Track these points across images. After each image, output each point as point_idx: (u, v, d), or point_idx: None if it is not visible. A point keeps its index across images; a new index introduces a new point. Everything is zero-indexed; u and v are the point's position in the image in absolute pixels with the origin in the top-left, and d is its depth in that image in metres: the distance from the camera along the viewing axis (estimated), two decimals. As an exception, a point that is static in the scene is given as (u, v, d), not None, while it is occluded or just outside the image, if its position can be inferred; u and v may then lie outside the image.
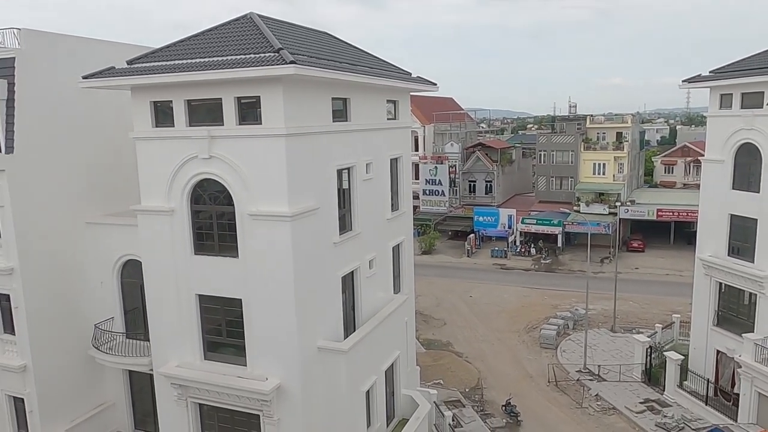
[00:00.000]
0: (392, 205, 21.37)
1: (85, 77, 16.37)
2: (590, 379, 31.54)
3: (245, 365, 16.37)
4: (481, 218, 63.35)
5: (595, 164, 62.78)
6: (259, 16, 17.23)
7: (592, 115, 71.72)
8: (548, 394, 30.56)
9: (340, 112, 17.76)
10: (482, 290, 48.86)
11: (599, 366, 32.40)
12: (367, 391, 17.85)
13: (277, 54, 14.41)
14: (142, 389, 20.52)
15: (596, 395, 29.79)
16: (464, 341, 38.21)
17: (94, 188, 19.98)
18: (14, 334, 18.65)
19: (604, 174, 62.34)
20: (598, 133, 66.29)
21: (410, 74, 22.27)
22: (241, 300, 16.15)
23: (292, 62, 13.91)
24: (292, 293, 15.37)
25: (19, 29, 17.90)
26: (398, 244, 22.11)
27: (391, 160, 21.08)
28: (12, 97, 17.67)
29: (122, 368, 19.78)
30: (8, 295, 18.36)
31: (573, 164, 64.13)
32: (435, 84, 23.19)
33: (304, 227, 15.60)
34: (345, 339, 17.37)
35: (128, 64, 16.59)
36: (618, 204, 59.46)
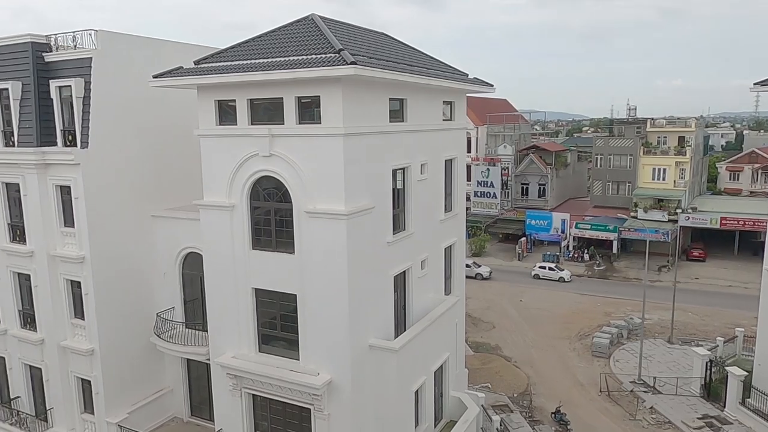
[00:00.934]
0: (445, 206, 21.34)
1: (155, 76, 17.11)
2: (645, 391, 30.53)
3: (298, 359, 16.74)
4: (533, 222, 62.30)
5: (654, 169, 60.61)
6: (320, 17, 17.57)
7: (652, 118, 69.25)
8: (600, 404, 29.79)
9: (397, 113, 17.90)
10: (533, 295, 48.06)
11: (655, 378, 31.33)
12: (417, 391, 17.94)
13: (337, 55, 14.67)
14: (199, 377, 21.29)
15: (651, 408, 28.82)
16: (513, 345, 37.71)
17: (159, 183, 20.86)
18: (84, 319, 19.70)
19: (664, 179, 60.10)
20: (658, 137, 63.97)
21: (467, 75, 22.17)
22: (295, 295, 16.53)
23: (352, 63, 14.13)
24: (345, 291, 15.62)
25: (96, 31, 18.90)
26: (450, 246, 22.07)
27: (445, 161, 21.07)
28: (88, 95, 18.67)
29: (181, 356, 20.57)
30: (79, 282, 19.42)
31: (631, 169, 62.15)
32: (491, 85, 23.01)
33: (359, 226, 15.82)
34: (396, 338, 17.50)
35: (195, 64, 17.23)
36: (678, 211, 57.24)
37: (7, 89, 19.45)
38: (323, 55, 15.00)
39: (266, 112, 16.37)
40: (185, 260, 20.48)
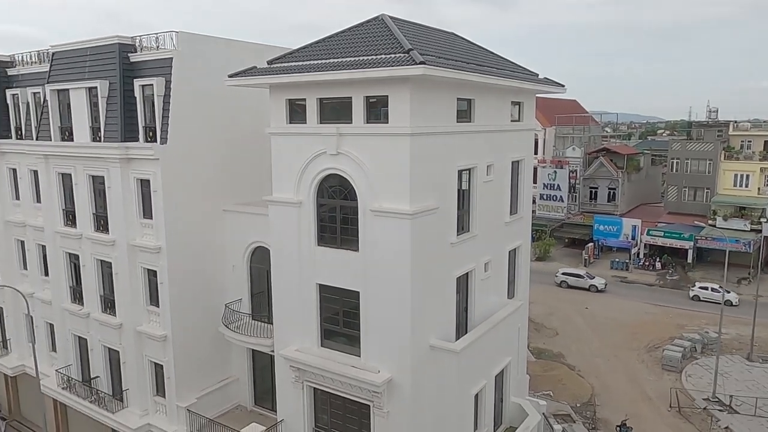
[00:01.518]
0: (511, 208, 20.98)
1: (230, 76, 17.76)
2: (720, 410, 28.88)
3: (359, 356, 16.94)
4: (601, 227, 60.18)
5: (736, 175, 57.12)
6: (390, 17, 17.68)
7: (735, 121, 65.30)
8: (669, 420, 28.43)
9: (465, 113, 17.76)
10: (599, 302, 46.44)
11: (731, 396, 29.56)
12: (477, 395, 17.75)
13: (407, 54, 14.71)
14: (263, 368, 21.94)
15: (726, 428, 27.22)
16: (577, 354, 36.59)
17: (231, 178, 21.63)
18: (158, 307, 20.73)
19: (747, 186, 56.53)
20: (742, 142, 60.25)
21: (537, 75, 21.69)
22: (358, 292, 16.72)
23: (421, 63, 14.14)
24: (408, 290, 15.66)
25: (176, 32, 19.83)
26: (515, 249, 21.68)
27: (512, 162, 20.71)
28: (168, 93, 19.64)
29: (247, 347, 21.25)
30: (156, 271, 20.46)
31: (710, 174, 58.84)
32: (562, 85, 22.39)
33: (423, 226, 15.81)
34: (457, 340, 17.38)
35: (268, 64, 17.75)
36: (763, 220, 53.64)
37: (96, 87, 20.73)
38: (392, 55, 15.08)
39: (335, 111, 16.65)
40: (253, 254, 21.15)
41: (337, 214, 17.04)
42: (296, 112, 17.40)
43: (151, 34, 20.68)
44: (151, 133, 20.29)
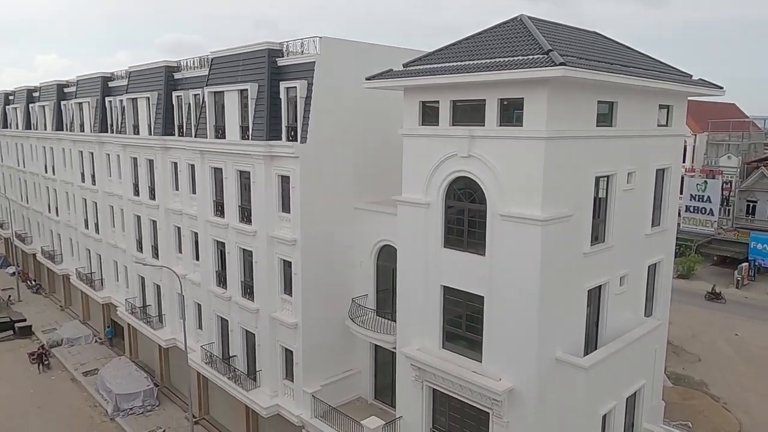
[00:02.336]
0: (653, 219, 19.48)
1: (368, 78, 18.39)
2: None
3: (480, 361, 16.72)
4: (759, 245, 53.72)
5: None
6: (529, 17, 17.21)
7: None
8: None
9: (605, 117, 16.80)
10: (753, 330, 41.47)
11: None
12: (605, 416, 16.73)
13: (545, 56, 14.25)
14: (385, 363, 22.46)
15: None
16: (723, 384, 33.01)
17: (363, 178, 22.41)
18: (291, 296, 22.07)
19: None
20: None
21: (690, 76, 19.90)
22: (483, 297, 16.50)
23: (561, 64, 13.61)
24: (535, 299, 15.16)
25: (320, 38, 20.94)
26: (655, 264, 20.09)
27: (657, 170, 19.23)
28: (310, 95, 20.82)
29: (370, 341, 21.88)
30: (290, 262, 21.80)
31: None
32: (720, 87, 20.32)
33: (555, 233, 15.21)
34: (585, 355, 16.51)
35: (404, 66, 18.13)
36: None
37: (246, 90, 22.54)
38: (530, 57, 14.68)
39: (467, 113, 16.57)
40: (380, 252, 21.72)
41: (465, 217, 16.95)
42: (429, 114, 17.58)
43: (297, 40, 22.08)
44: (292, 133, 21.63)
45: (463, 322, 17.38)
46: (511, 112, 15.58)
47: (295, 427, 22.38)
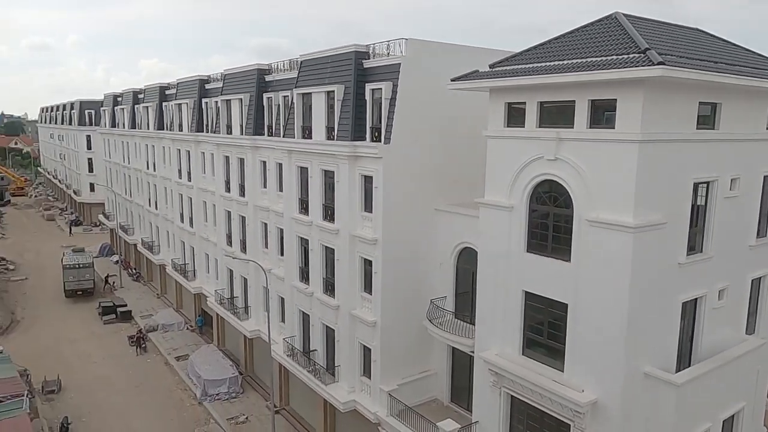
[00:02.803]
0: (759, 230, 18.05)
1: (453, 80, 18.32)
2: None
3: (562, 370, 16.20)
4: None
5: None
6: (625, 15, 16.47)
7: None
8: None
9: (707, 119, 15.76)
10: None
11: None
12: (697, 437, 15.70)
13: (642, 55, 13.58)
14: (462, 366, 22.29)
15: None
16: (837, 414, 29.94)
17: (444, 179, 22.36)
18: (371, 294, 22.41)
19: None
20: None
21: (808, 75, 18.22)
22: (566, 304, 15.99)
23: (659, 63, 12.93)
24: (624, 309, 14.49)
25: (406, 39, 21.11)
26: (760, 277, 18.60)
27: (765, 177, 17.79)
28: (394, 96, 21.04)
29: (448, 343, 21.78)
30: (371, 261, 22.14)
31: None
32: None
33: (647, 241, 14.46)
34: (678, 371, 15.57)
35: (490, 67, 17.91)
36: None
37: (333, 91, 23.13)
38: (625, 56, 14.05)
39: (555, 115, 16.12)
40: (461, 254, 21.57)
41: (550, 221, 16.49)
42: (514, 115, 17.26)
43: (383, 42, 22.37)
44: (376, 134, 21.95)
45: (545, 329, 16.91)
46: (602, 114, 14.97)
47: (371, 424, 22.69)
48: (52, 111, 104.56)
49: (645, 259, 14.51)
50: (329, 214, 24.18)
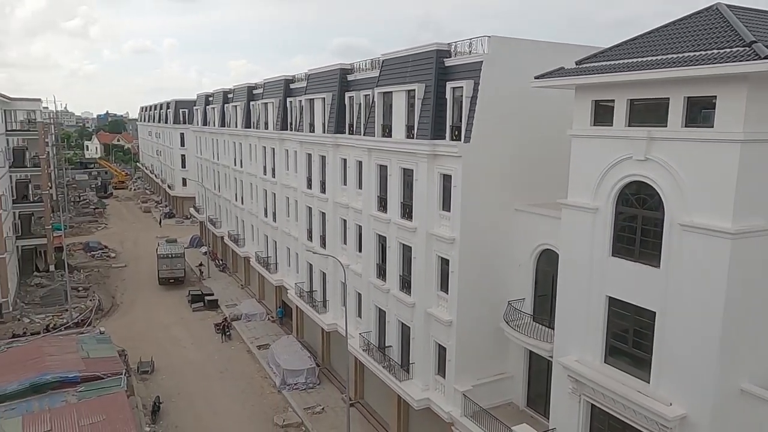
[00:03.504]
0: None
1: (536, 77, 17.88)
2: None
3: (647, 381, 15.44)
4: None
5: None
6: (727, 5, 15.39)
7: None
8: None
9: (821, 117, 14.41)
10: None
11: None
12: (801, 462, 14.44)
13: (747, 48, 12.65)
14: (539, 371, 21.76)
15: None
16: None
17: (525, 179, 21.86)
18: (447, 293, 22.33)
19: None
20: None
21: None
22: (654, 312, 15.22)
23: (767, 57, 11.99)
24: (718, 320, 13.59)
25: (488, 37, 20.82)
26: None
27: None
28: (475, 95, 20.81)
29: (525, 347, 21.32)
30: (448, 260, 22.05)
31: None
32: None
33: (748, 249, 13.49)
34: (780, 390, 14.39)
35: (577, 64, 17.31)
36: None
37: (414, 90, 23.21)
38: (728, 50, 13.14)
39: (646, 113, 15.36)
40: (540, 256, 21.03)
41: (638, 225, 15.75)
42: (602, 113, 16.60)
43: (465, 40, 22.17)
44: (456, 132, 21.81)
45: (630, 337, 16.18)
46: (700, 112, 14.12)
47: (444, 423, 22.63)
48: (150, 110, 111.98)
49: (744, 268, 13.55)
50: (407, 212, 24.31)
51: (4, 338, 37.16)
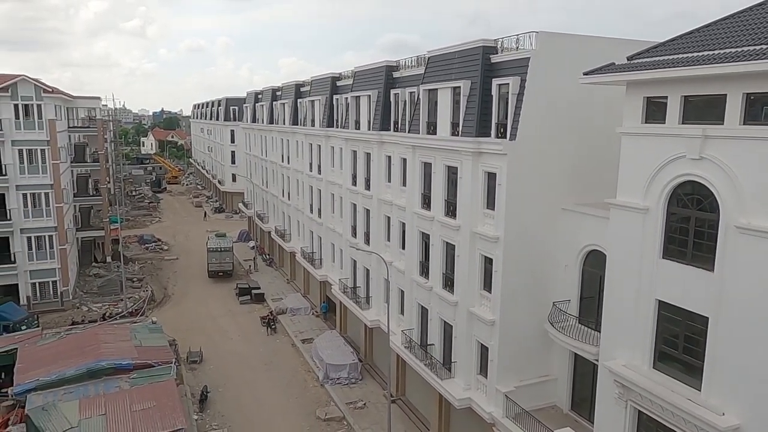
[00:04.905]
0: None
1: (585, 73, 17.43)
2: None
3: (699, 389, 14.86)
4: None
5: None
6: (793, -3, 14.58)
7: None
8: None
9: None
10: None
11: None
12: None
13: (813, 42, 11.96)
14: (584, 374, 21.27)
15: None
16: None
17: (573, 177, 21.37)
18: (490, 293, 22.09)
19: None
20: None
21: None
22: (707, 318, 14.62)
23: (834, 51, 11.31)
24: (777, 327, 12.93)
25: (536, 32, 20.43)
26: None
27: None
28: (522, 92, 20.47)
29: (570, 349, 20.87)
30: (491, 259, 21.80)
31: None
32: None
33: (810, 253, 12.76)
34: (844, 403, 13.59)
35: (628, 59, 16.79)
36: None
37: (459, 87, 23.03)
38: (791, 43, 12.46)
39: (701, 110, 14.75)
40: (587, 257, 20.53)
41: (690, 226, 15.15)
42: (654, 110, 16.04)
43: (512, 36, 21.83)
44: (501, 130, 21.52)
45: (680, 342, 15.60)
46: (761, 109, 13.45)
47: (485, 424, 22.43)
48: (202, 107, 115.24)
49: (806, 274, 12.83)
50: (451, 209, 24.17)
51: (64, 325, 39.14)
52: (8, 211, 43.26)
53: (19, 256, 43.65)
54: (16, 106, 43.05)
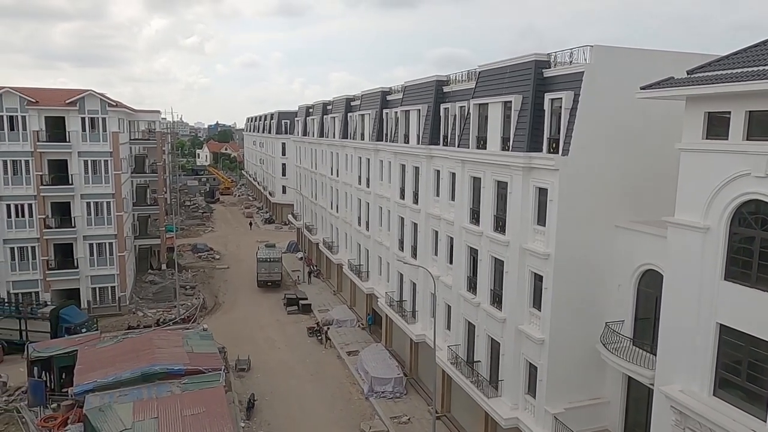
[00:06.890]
0: None
1: (642, 88, 17.00)
2: None
3: (764, 420, 14.08)
4: None
5: None
6: None
7: None
8: None
9: None
10: None
11: None
12: None
13: None
14: (638, 399, 20.46)
15: None
16: None
17: (627, 194, 20.76)
18: (540, 310, 21.62)
19: None
20: None
21: None
22: (773, 344, 13.87)
23: None
24: None
25: (591, 46, 20.08)
26: None
27: None
28: (575, 106, 20.12)
29: (623, 372, 20.14)
30: (542, 276, 21.37)
31: None
32: None
33: None
34: None
35: (688, 73, 16.28)
36: None
37: (510, 101, 22.84)
38: None
39: (766, 125, 14.10)
40: (642, 276, 19.83)
41: (755, 247, 14.46)
42: (716, 126, 15.47)
43: (566, 50, 21.53)
44: (554, 145, 21.18)
45: (743, 369, 14.84)
46: (833, 125, 12.77)
47: (534, 445, 21.87)
48: (255, 121, 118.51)
49: None
50: (500, 225, 23.89)
51: (121, 329, 40.69)
52: (73, 219, 45.55)
53: (81, 261, 45.82)
54: (83, 119, 45.48)
